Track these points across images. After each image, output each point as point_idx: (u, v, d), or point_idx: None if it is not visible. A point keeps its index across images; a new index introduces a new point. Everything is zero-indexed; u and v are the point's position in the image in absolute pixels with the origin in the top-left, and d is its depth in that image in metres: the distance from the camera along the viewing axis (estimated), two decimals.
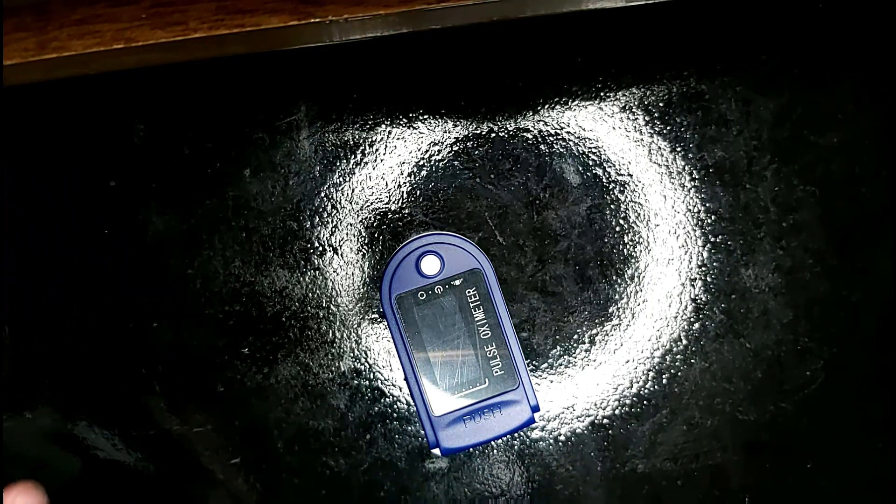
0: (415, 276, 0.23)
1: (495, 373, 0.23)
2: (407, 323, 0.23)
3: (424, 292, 0.23)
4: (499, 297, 0.23)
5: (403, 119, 0.27)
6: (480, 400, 0.23)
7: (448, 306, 0.23)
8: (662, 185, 0.28)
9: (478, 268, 0.24)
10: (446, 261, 0.24)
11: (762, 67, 0.28)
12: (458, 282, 0.24)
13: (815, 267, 0.28)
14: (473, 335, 0.23)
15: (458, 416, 0.23)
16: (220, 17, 0.18)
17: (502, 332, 0.23)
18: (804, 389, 0.29)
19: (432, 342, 0.23)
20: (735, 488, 0.29)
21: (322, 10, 0.18)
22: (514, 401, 0.23)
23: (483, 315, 0.23)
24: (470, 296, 0.23)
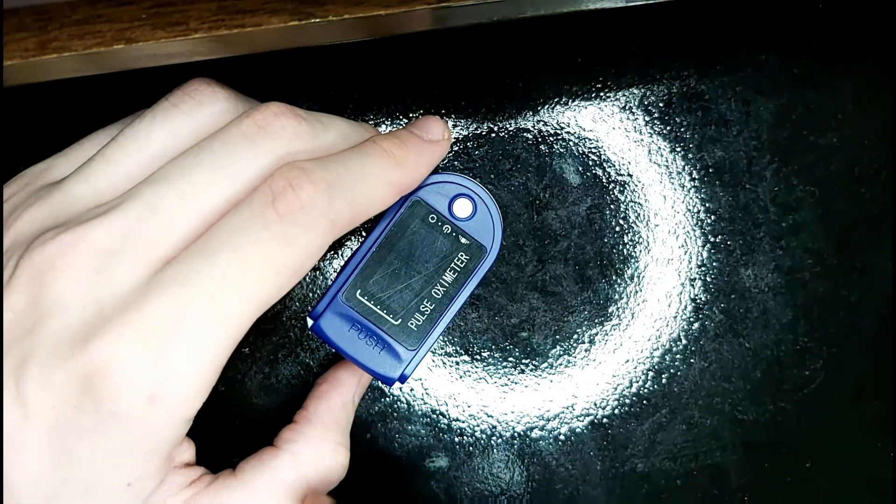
0: (443, 203, 0.23)
1: (410, 324, 0.23)
2: (400, 223, 0.23)
3: (437, 218, 0.23)
4: (474, 282, 0.23)
5: (403, 119, 0.27)
6: (379, 327, 0.23)
7: (439, 246, 0.23)
8: (662, 185, 0.28)
9: (486, 247, 0.23)
10: (475, 218, 0.23)
11: (762, 67, 0.28)
12: (465, 240, 0.23)
13: (815, 267, 0.28)
14: (430, 284, 0.23)
15: (352, 317, 0.23)
16: (221, 17, 0.18)
17: (448, 306, 0.23)
18: (803, 389, 0.29)
19: (399, 254, 0.23)
20: (734, 487, 0.29)
21: (322, 10, 0.18)
22: (398, 355, 0.23)
23: (451, 280, 0.23)
24: (460, 259, 0.23)
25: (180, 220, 0.18)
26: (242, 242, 0.18)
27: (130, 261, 0.18)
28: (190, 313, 0.17)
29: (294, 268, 0.18)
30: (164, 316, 0.17)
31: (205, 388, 0.18)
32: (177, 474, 0.20)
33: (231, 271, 0.17)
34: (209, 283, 0.17)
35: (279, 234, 0.18)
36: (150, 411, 0.17)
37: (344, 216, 0.19)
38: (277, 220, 0.18)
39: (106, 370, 0.17)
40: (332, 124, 0.21)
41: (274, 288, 0.18)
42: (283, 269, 0.18)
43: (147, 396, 0.17)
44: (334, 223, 0.19)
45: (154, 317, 0.17)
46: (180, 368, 0.17)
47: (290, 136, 0.19)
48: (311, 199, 0.18)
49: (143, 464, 0.18)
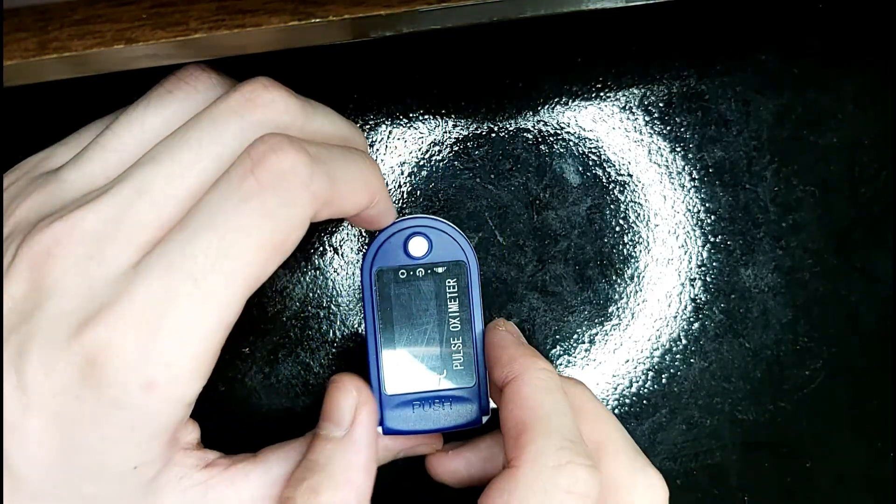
0: (401, 254, 0.23)
1: (455, 367, 0.23)
2: (382, 298, 0.23)
3: (406, 271, 0.23)
4: (476, 294, 0.23)
5: (403, 119, 0.27)
6: (434, 390, 0.23)
7: (425, 290, 0.23)
8: (662, 185, 0.28)
9: (463, 260, 0.23)
10: (434, 246, 0.23)
11: (762, 67, 0.28)
12: (441, 269, 0.23)
13: (815, 267, 0.28)
14: (443, 325, 0.23)
15: (408, 399, 0.23)
16: (221, 17, 0.18)
17: (472, 329, 0.23)
18: (803, 389, 0.29)
19: (402, 322, 0.23)
20: (734, 487, 0.29)
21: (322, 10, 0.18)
22: (466, 398, 0.23)
23: (457, 308, 0.23)
24: (449, 286, 0.23)
25: (169, 200, 0.18)
26: (221, 220, 0.17)
27: (121, 245, 0.18)
28: (175, 298, 0.17)
29: (276, 243, 0.18)
30: (151, 302, 0.17)
31: (201, 372, 0.18)
32: (187, 456, 0.20)
33: (212, 252, 0.17)
34: (191, 265, 0.17)
35: (258, 208, 0.17)
36: (148, 398, 0.17)
37: (324, 193, 0.18)
38: (257, 191, 0.17)
39: (101, 358, 0.17)
40: (323, 109, 0.21)
41: (258, 265, 0.18)
42: (265, 245, 0.18)
43: (143, 383, 0.17)
44: (315, 197, 0.18)
45: (141, 303, 0.17)
46: (172, 354, 0.17)
47: (280, 109, 0.19)
48: (292, 167, 0.18)
49: (146, 447, 0.18)
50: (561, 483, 0.18)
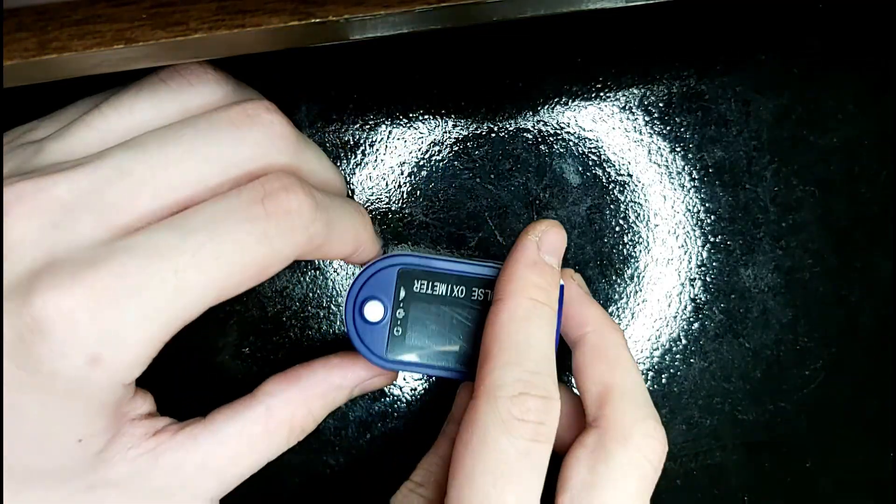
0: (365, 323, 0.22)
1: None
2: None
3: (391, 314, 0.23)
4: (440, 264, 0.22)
5: (403, 119, 0.27)
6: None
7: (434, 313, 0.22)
8: (662, 185, 0.28)
9: (402, 267, 0.22)
10: (384, 299, 0.22)
11: (762, 67, 0.28)
12: (403, 294, 0.22)
13: (815, 267, 0.28)
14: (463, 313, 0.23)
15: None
16: (221, 17, 0.18)
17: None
18: (803, 389, 0.29)
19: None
20: (734, 487, 0.29)
21: (322, 10, 0.18)
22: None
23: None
24: (421, 288, 0.22)
25: (148, 189, 0.18)
26: (222, 229, 0.18)
27: (91, 220, 0.17)
28: (150, 281, 0.17)
29: (261, 268, 0.18)
30: (122, 279, 0.17)
31: (146, 358, 0.18)
32: (135, 426, 0.20)
33: (203, 252, 0.17)
34: (178, 257, 0.17)
35: (260, 232, 0.18)
36: (91, 372, 0.17)
37: (319, 238, 0.19)
38: (262, 218, 0.18)
39: (48, 326, 0.16)
40: (315, 147, 0.22)
41: (236, 281, 0.18)
42: (252, 266, 0.18)
43: (89, 357, 0.17)
44: (310, 240, 0.19)
45: (110, 277, 0.17)
46: (128, 333, 0.17)
47: (277, 134, 0.20)
48: (299, 207, 0.18)
49: (89, 421, 0.18)
50: (515, 411, 0.19)
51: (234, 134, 0.19)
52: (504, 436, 0.19)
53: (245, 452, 0.21)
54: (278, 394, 0.22)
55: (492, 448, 0.19)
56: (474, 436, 0.19)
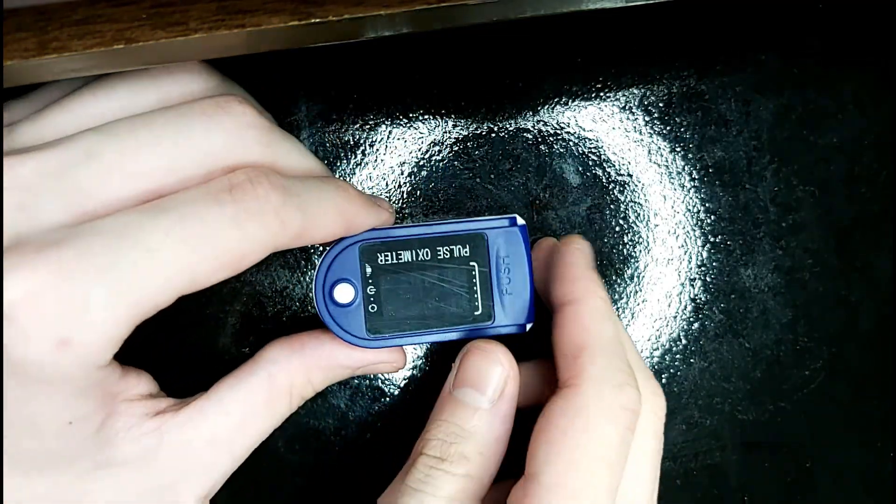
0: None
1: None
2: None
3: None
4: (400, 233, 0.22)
5: (403, 119, 0.27)
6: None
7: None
8: (662, 185, 0.28)
9: (362, 244, 0.22)
10: (355, 282, 0.22)
11: (762, 67, 0.28)
12: (370, 270, 0.22)
13: (815, 267, 0.28)
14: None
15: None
16: (221, 17, 0.18)
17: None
18: (803, 389, 0.29)
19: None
20: (734, 487, 0.29)
21: (322, 10, 0.18)
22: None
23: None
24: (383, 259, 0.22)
25: (117, 173, 0.18)
26: (191, 212, 0.18)
27: (57, 202, 0.17)
28: (120, 260, 0.17)
29: (235, 255, 0.18)
30: (89, 258, 0.16)
31: (116, 341, 0.17)
32: (133, 406, 0.20)
33: (174, 233, 0.17)
34: (149, 237, 0.17)
35: (230, 216, 0.18)
36: (60, 356, 0.16)
37: (294, 222, 0.19)
38: (231, 203, 0.18)
39: (12, 309, 0.16)
40: (291, 139, 0.21)
41: (210, 267, 0.18)
42: (225, 252, 0.18)
43: (57, 340, 0.16)
44: (284, 225, 0.19)
45: (76, 257, 0.16)
46: (96, 315, 0.17)
47: (248, 123, 0.19)
48: (266, 194, 0.18)
49: (74, 403, 0.18)
50: (621, 401, 0.20)
51: (205, 123, 0.19)
52: (610, 424, 0.19)
53: (250, 420, 0.21)
54: (281, 361, 0.22)
55: (597, 434, 0.19)
56: (576, 423, 0.19)
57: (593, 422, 0.19)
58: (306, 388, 0.22)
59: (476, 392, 0.21)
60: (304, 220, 0.19)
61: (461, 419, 0.21)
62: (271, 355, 0.22)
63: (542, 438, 0.20)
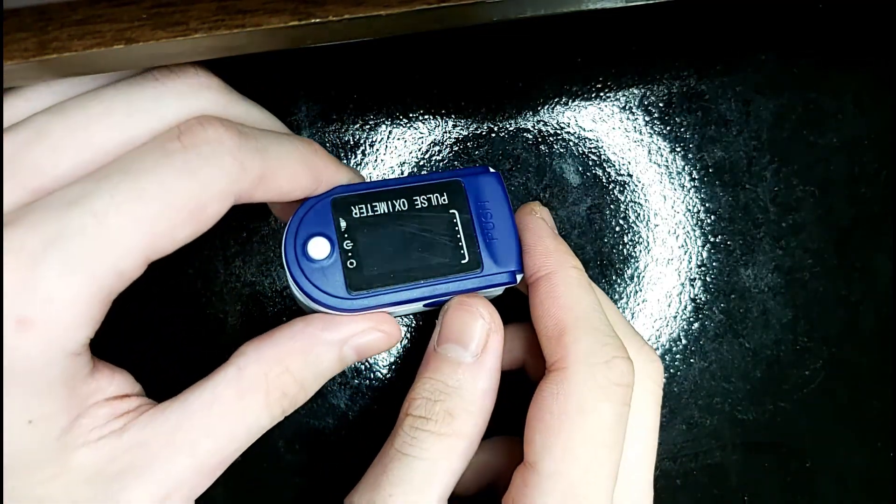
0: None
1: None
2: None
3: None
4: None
5: (403, 119, 0.27)
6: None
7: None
8: (662, 185, 0.28)
9: (335, 197, 0.21)
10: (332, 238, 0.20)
11: (762, 67, 0.28)
12: (345, 224, 0.21)
13: (815, 267, 0.28)
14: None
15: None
16: (221, 17, 0.18)
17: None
18: (803, 389, 0.29)
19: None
20: (734, 487, 0.29)
21: (322, 10, 0.18)
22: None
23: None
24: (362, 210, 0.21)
25: (69, 149, 0.17)
26: (137, 167, 0.17)
27: (12, 184, 0.17)
28: (69, 230, 0.16)
29: (192, 206, 0.17)
30: (41, 233, 0.16)
31: (86, 319, 0.16)
32: (100, 407, 0.18)
33: (120, 192, 0.16)
34: (95, 201, 0.16)
35: (180, 164, 0.17)
36: (22, 338, 0.16)
37: (253, 165, 0.18)
38: (180, 150, 0.17)
39: None
40: (251, 102, 0.20)
41: (168, 223, 0.17)
42: (180, 203, 0.17)
43: (17, 320, 0.16)
44: (243, 167, 0.17)
45: (29, 234, 0.16)
46: (53, 290, 0.16)
47: (202, 84, 0.19)
48: (218, 136, 0.17)
49: (37, 399, 0.17)
50: (613, 377, 0.19)
51: (157, 89, 0.18)
52: (604, 402, 0.19)
53: (217, 421, 0.19)
54: (250, 353, 0.20)
55: (592, 416, 0.19)
56: (569, 406, 0.19)
57: (587, 403, 0.19)
58: (284, 378, 0.20)
59: (459, 347, 0.21)
60: (265, 164, 0.18)
61: (445, 375, 0.20)
62: (242, 349, 0.20)
63: (536, 425, 0.19)
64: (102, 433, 0.18)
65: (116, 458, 0.18)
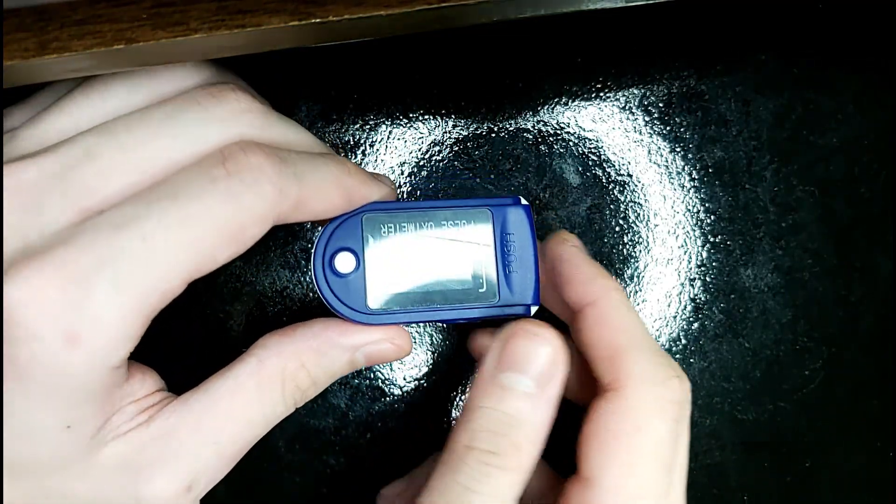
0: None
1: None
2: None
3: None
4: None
5: (403, 119, 0.27)
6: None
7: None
8: (662, 185, 0.28)
9: (367, 214, 0.21)
10: (359, 251, 0.21)
11: (762, 67, 0.28)
12: (373, 240, 0.22)
13: (814, 267, 0.28)
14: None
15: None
16: (221, 17, 0.18)
17: None
18: (803, 389, 0.29)
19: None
20: (734, 487, 0.29)
21: (322, 10, 0.18)
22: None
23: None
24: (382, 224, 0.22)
25: (117, 170, 0.18)
26: (184, 192, 0.17)
27: (61, 203, 0.17)
28: (118, 252, 0.17)
29: (234, 228, 0.18)
30: (91, 254, 0.17)
31: (129, 336, 0.17)
32: (130, 405, 0.19)
33: (168, 217, 0.17)
34: (144, 224, 0.17)
35: (223, 190, 0.18)
36: (69, 353, 0.16)
37: (292, 190, 0.19)
38: (224, 177, 0.18)
39: (21, 310, 0.16)
40: (288, 121, 0.21)
41: (211, 245, 0.18)
42: (223, 227, 0.18)
43: (65, 336, 0.16)
44: (282, 193, 0.18)
45: (80, 254, 0.16)
46: (102, 308, 0.17)
47: (243, 109, 0.20)
48: (259, 164, 0.18)
49: (76, 407, 0.18)
50: (668, 396, 0.20)
51: (200, 114, 0.19)
52: (660, 420, 0.19)
53: (239, 409, 0.20)
54: (271, 346, 0.21)
55: (649, 433, 0.19)
56: (627, 424, 0.19)
57: (644, 421, 0.19)
58: (300, 373, 0.21)
59: (523, 376, 0.20)
60: (301, 189, 0.19)
61: (509, 406, 0.20)
62: (263, 342, 0.21)
63: (594, 443, 0.20)
64: (130, 426, 0.19)
65: (145, 448, 0.19)
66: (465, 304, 0.22)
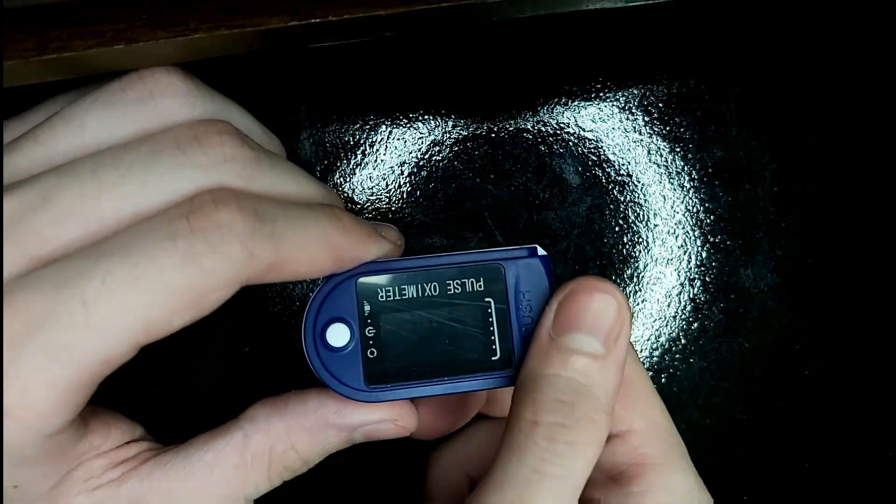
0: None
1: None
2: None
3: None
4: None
5: (403, 119, 0.27)
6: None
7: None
8: (662, 185, 0.28)
9: (360, 277, 0.19)
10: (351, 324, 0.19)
11: (762, 67, 0.28)
12: (368, 308, 0.19)
13: (814, 267, 0.28)
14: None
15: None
16: (221, 17, 0.18)
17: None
18: (803, 389, 0.29)
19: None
20: (733, 488, 0.29)
21: (322, 10, 0.18)
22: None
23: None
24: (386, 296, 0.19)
25: (76, 219, 0.16)
26: (137, 249, 0.15)
27: (11, 249, 0.16)
28: (54, 317, 0.15)
29: (192, 294, 0.16)
30: (26, 317, 0.15)
31: (65, 406, 0.16)
32: (96, 459, 0.18)
33: (114, 278, 0.15)
34: (86, 285, 0.15)
35: (183, 250, 0.15)
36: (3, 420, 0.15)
37: (265, 254, 0.16)
38: (186, 234, 0.16)
39: None
40: (284, 165, 0.19)
41: (163, 311, 0.16)
42: (178, 292, 0.16)
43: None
44: (252, 257, 0.16)
45: (14, 316, 0.15)
46: (30, 379, 0.15)
47: (227, 156, 0.17)
48: (229, 220, 0.16)
49: (18, 469, 0.16)
50: None
51: (178, 158, 0.17)
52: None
53: (216, 485, 0.18)
54: (260, 420, 0.19)
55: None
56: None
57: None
58: (288, 455, 0.19)
59: (589, 335, 0.18)
60: (278, 250, 0.17)
61: (576, 372, 0.17)
62: (253, 414, 0.19)
63: None
64: (99, 482, 0.18)
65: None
66: (475, 375, 0.19)
